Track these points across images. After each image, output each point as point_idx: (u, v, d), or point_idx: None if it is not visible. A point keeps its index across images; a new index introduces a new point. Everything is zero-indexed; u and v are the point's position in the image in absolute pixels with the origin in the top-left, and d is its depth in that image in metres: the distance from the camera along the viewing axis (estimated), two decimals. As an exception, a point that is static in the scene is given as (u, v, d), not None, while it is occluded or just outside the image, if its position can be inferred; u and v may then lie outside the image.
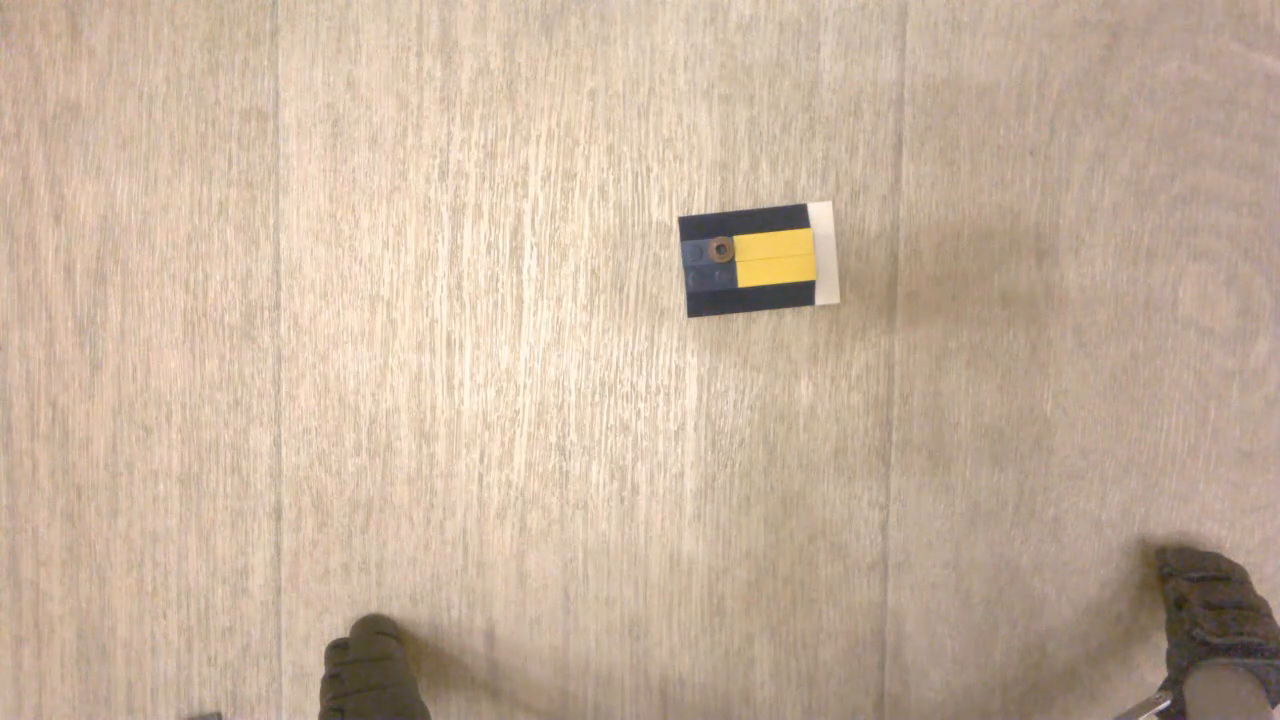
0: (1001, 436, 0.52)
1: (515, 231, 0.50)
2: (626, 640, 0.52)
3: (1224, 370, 0.52)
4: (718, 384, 0.51)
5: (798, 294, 0.49)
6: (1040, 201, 0.51)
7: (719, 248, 0.47)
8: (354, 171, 0.50)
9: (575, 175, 0.50)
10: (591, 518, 0.52)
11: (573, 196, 0.50)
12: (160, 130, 0.49)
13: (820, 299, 0.50)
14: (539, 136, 0.50)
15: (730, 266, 0.48)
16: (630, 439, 0.51)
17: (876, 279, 0.51)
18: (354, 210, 0.50)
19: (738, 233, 0.48)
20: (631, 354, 0.51)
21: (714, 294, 0.48)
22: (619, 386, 0.51)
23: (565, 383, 0.51)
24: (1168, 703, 0.47)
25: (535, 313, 0.51)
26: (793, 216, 0.48)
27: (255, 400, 0.51)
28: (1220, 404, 0.52)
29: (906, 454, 0.52)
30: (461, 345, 0.51)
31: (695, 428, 0.51)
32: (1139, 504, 0.53)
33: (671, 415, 0.51)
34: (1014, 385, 0.52)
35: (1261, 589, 0.51)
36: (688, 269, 0.48)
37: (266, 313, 0.50)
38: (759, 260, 0.48)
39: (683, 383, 0.51)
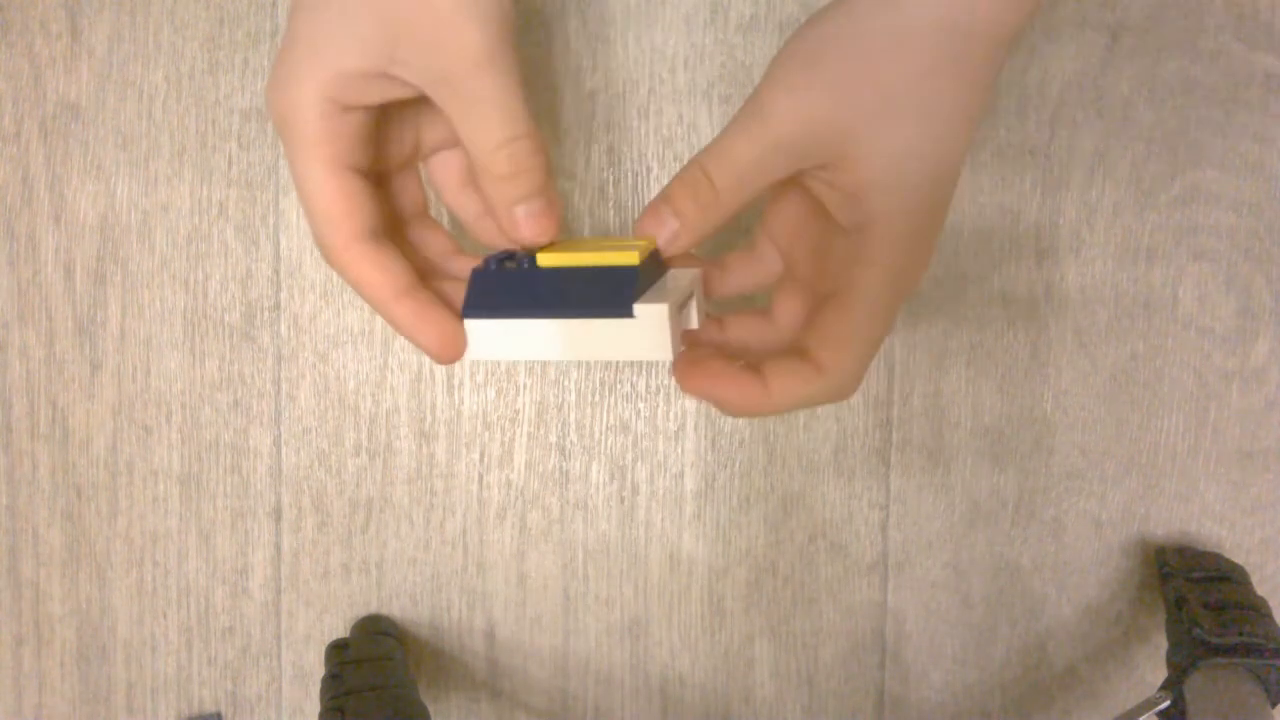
0: (1001, 436, 0.52)
1: (515, 231, 0.50)
2: (626, 640, 0.52)
3: (1224, 370, 0.52)
4: (718, 384, 0.51)
5: (611, 291, 0.33)
6: (1040, 201, 0.51)
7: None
8: (354, 171, 0.50)
9: (575, 175, 0.50)
10: (591, 518, 0.52)
11: (573, 196, 0.50)
12: (160, 130, 0.49)
13: (643, 316, 0.33)
14: (539, 136, 0.50)
15: (530, 270, 0.34)
16: (630, 439, 0.51)
17: (876, 279, 0.51)
18: (354, 210, 0.50)
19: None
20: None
21: (500, 280, 0.34)
22: (619, 386, 0.51)
23: (565, 383, 0.51)
24: (1168, 703, 0.47)
25: (535, 313, 0.50)
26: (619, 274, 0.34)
27: (255, 400, 0.51)
28: (1220, 404, 0.52)
29: (906, 454, 0.52)
30: (461, 345, 0.50)
31: (695, 428, 0.51)
32: (1139, 504, 0.53)
33: (671, 415, 0.51)
34: (1014, 385, 0.52)
35: (1261, 589, 0.51)
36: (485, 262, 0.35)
37: (266, 313, 0.50)
38: (568, 248, 0.35)
39: (683, 383, 0.51)
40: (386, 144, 0.36)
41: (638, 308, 0.32)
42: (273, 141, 0.49)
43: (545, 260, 0.34)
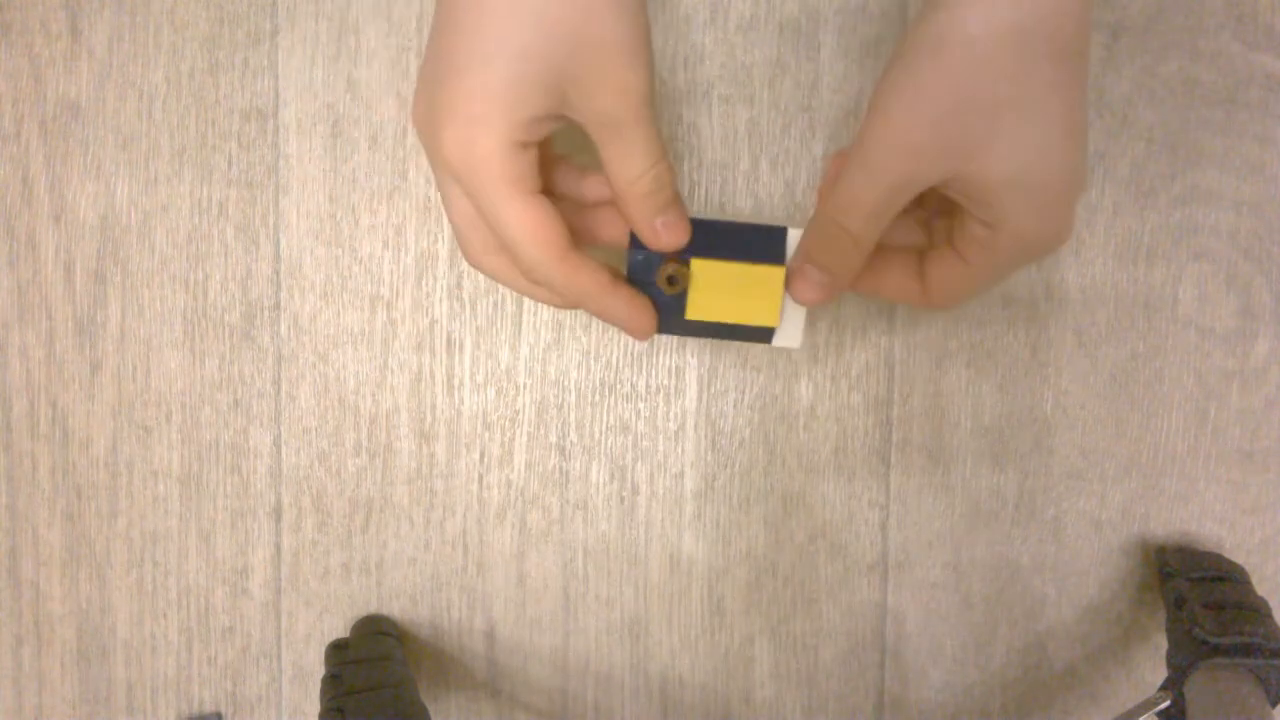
0: (1001, 436, 0.52)
1: (515, 231, 0.50)
2: (626, 640, 0.52)
3: (1224, 370, 0.52)
4: (718, 384, 0.51)
5: (753, 333, 0.41)
6: (1040, 201, 0.51)
7: (670, 278, 0.39)
8: (354, 171, 0.50)
9: (575, 175, 0.50)
10: (591, 518, 0.52)
11: (573, 196, 0.50)
12: (160, 130, 0.49)
13: (779, 340, 0.41)
14: (539, 136, 0.50)
15: (680, 296, 0.40)
16: (630, 439, 0.51)
17: (876, 279, 0.51)
18: (354, 210, 0.50)
19: (700, 253, 0.39)
20: (631, 354, 0.51)
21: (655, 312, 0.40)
22: (619, 386, 0.51)
23: (565, 383, 0.51)
24: (1168, 703, 0.47)
25: (535, 313, 0.51)
26: (769, 244, 0.39)
27: (255, 400, 0.51)
28: (1220, 404, 0.52)
29: (906, 454, 0.52)
30: (461, 345, 0.51)
31: (695, 428, 0.51)
32: (1139, 504, 0.53)
33: (671, 415, 0.51)
34: (1014, 385, 0.52)
35: (1261, 589, 0.51)
36: (632, 282, 0.40)
37: (266, 313, 0.50)
38: (715, 293, 0.40)
39: (683, 383, 0.51)
40: None
41: (775, 340, 0.41)
42: (272, 141, 0.49)
43: (694, 313, 0.40)
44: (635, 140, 0.36)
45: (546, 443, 0.51)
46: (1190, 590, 0.49)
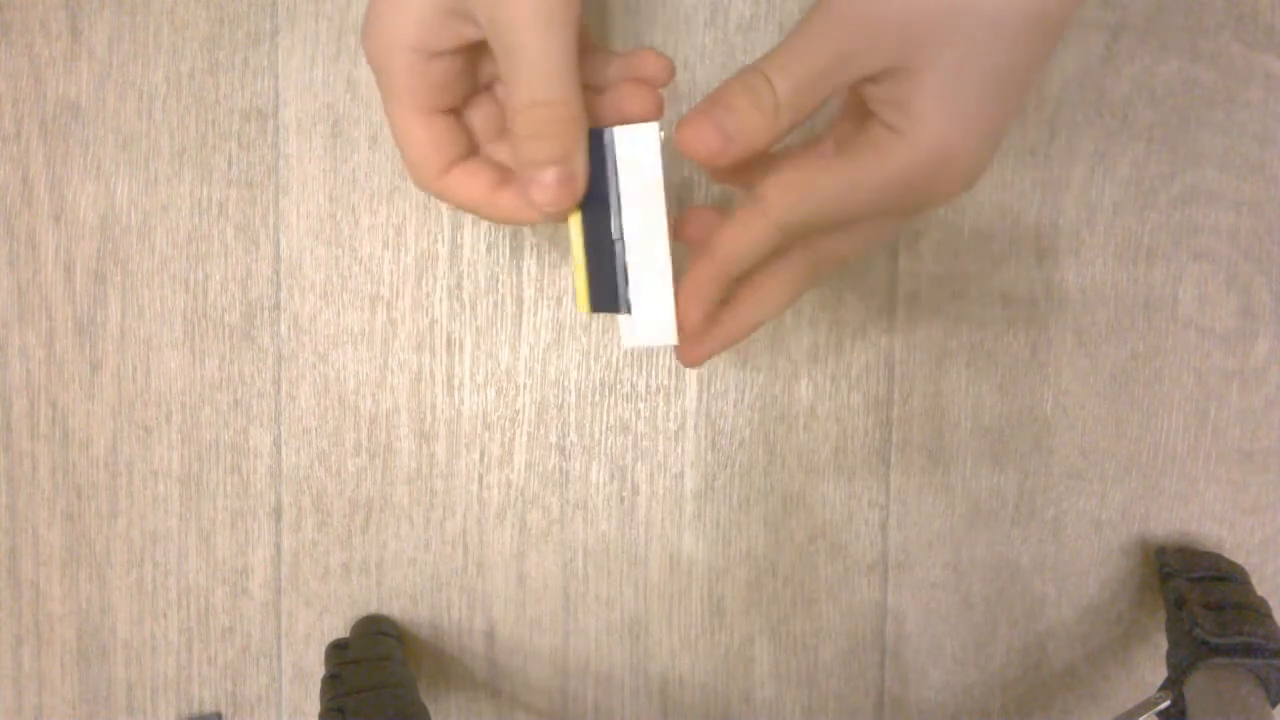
0: (1001, 436, 0.52)
1: (515, 231, 0.50)
2: (626, 640, 0.52)
3: (1224, 370, 0.52)
4: (718, 384, 0.51)
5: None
6: (1040, 201, 0.51)
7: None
8: (354, 171, 0.50)
9: (575, 175, 0.50)
10: (591, 518, 0.52)
11: (573, 196, 0.50)
12: (160, 130, 0.49)
13: (630, 333, 0.36)
14: (539, 136, 0.50)
15: None
16: (630, 439, 0.51)
17: (876, 279, 0.51)
18: (354, 210, 0.50)
19: (582, 213, 0.34)
20: (631, 354, 0.51)
21: None
22: (619, 386, 0.51)
23: (565, 383, 0.51)
24: (1168, 703, 0.47)
25: (535, 313, 0.51)
26: (609, 286, 0.35)
27: (255, 400, 0.51)
28: (1220, 404, 0.52)
29: (906, 454, 0.52)
30: (461, 345, 0.51)
31: (695, 428, 0.51)
32: (1139, 504, 0.53)
33: (671, 415, 0.51)
34: (1014, 385, 0.52)
35: (1261, 589, 0.51)
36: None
37: (266, 313, 0.50)
38: (571, 249, 0.36)
39: (683, 383, 0.51)
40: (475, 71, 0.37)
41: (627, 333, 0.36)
42: (272, 141, 0.49)
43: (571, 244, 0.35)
44: (523, 63, 0.31)
45: (546, 443, 0.51)
46: (1190, 590, 0.49)
